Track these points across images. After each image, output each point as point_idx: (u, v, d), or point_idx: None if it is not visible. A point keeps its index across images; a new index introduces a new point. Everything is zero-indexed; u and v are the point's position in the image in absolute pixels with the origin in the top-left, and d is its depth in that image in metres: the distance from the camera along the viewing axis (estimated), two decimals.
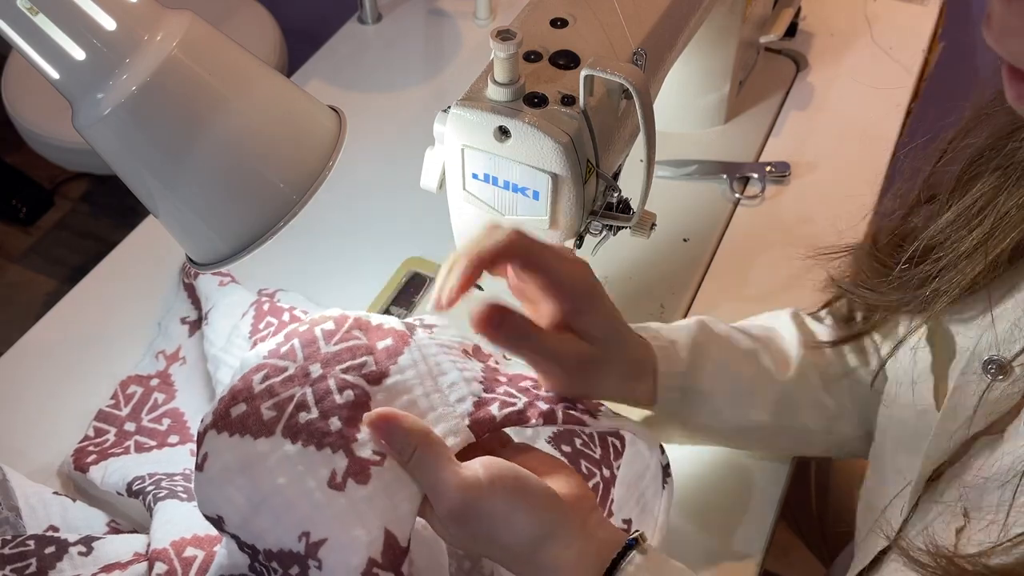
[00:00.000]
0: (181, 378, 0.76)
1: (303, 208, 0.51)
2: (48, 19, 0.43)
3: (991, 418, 0.51)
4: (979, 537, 0.48)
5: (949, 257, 0.54)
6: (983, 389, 0.51)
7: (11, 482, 0.64)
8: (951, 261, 0.54)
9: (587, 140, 0.59)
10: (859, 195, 0.91)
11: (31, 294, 1.93)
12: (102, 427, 0.73)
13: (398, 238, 0.88)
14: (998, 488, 0.48)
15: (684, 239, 0.88)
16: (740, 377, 0.63)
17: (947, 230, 0.54)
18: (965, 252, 0.53)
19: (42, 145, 1.44)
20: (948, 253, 0.54)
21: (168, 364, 0.78)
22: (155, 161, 0.48)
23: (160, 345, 0.79)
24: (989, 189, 0.52)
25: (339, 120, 0.54)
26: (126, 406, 0.74)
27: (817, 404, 0.65)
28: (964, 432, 0.51)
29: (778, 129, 1.00)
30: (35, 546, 0.59)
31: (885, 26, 1.10)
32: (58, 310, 0.83)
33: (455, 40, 1.14)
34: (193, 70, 0.47)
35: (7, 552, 0.59)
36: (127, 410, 0.74)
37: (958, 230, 0.54)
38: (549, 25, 0.64)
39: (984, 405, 0.50)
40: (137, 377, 0.77)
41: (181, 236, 0.54)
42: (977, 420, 0.51)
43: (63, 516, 0.64)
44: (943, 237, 0.55)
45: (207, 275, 0.80)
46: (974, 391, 0.51)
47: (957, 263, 0.53)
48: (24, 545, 0.59)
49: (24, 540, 0.59)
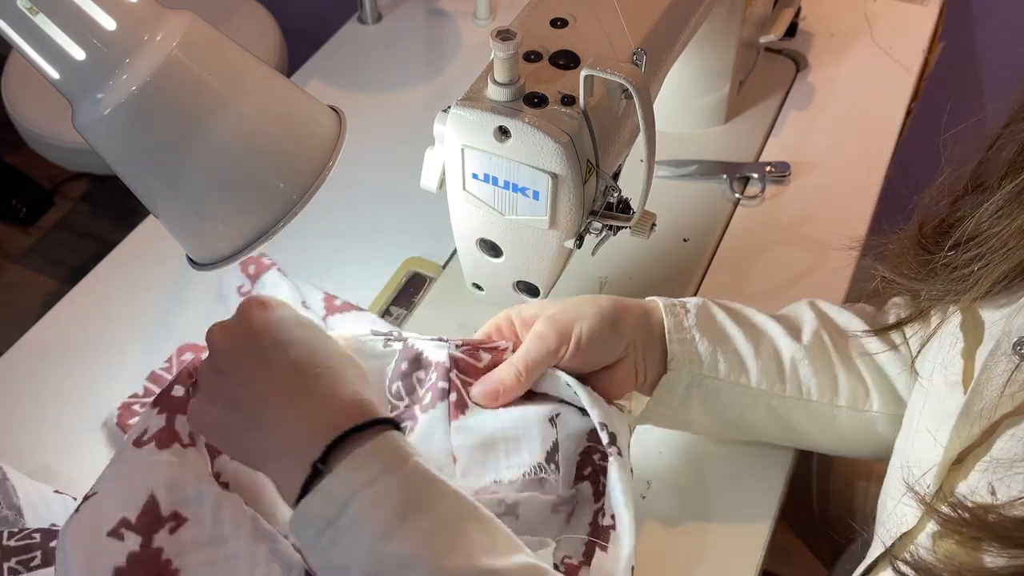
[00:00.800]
0: None
1: (303, 208, 0.51)
2: (48, 19, 0.43)
3: (1018, 400, 0.51)
4: None
5: (995, 241, 0.53)
6: (1011, 369, 0.50)
7: (11, 481, 0.64)
8: (996, 244, 0.53)
9: (587, 140, 0.59)
10: (859, 195, 0.91)
11: (31, 294, 1.93)
12: (151, 387, 0.75)
13: (398, 238, 0.88)
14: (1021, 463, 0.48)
15: (684, 239, 0.88)
16: (747, 336, 0.65)
17: (995, 215, 0.54)
18: (1013, 234, 0.52)
19: (42, 145, 1.44)
20: (994, 237, 0.53)
21: None
22: (155, 161, 0.48)
23: (219, 316, 0.79)
24: None
25: (339, 120, 0.54)
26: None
27: (829, 376, 0.65)
28: (990, 413, 0.51)
29: (778, 129, 1.00)
30: (41, 539, 0.60)
31: (885, 26, 1.11)
32: (58, 310, 0.83)
33: (455, 40, 1.14)
34: (193, 70, 0.47)
35: (12, 544, 0.59)
36: None
37: (1007, 215, 0.53)
38: (549, 25, 0.64)
39: (1011, 386, 0.50)
40: (193, 345, 0.78)
41: (181, 236, 0.54)
42: (1004, 401, 0.51)
43: (65, 515, 0.64)
44: (990, 223, 0.54)
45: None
46: (1003, 370, 0.51)
47: (1004, 246, 0.53)
48: (30, 537, 0.60)
49: (30, 533, 0.60)
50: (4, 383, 0.77)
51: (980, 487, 0.50)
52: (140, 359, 0.79)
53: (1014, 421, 0.51)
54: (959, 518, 0.47)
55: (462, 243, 0.70)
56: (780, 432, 0.67)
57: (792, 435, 0.68)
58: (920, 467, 0.56)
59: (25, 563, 0.58)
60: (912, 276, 0.60)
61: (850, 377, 0.66)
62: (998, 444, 0.51)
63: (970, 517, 0.47)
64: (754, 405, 0.65)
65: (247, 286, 0.81)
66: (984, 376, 0.52)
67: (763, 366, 0.64)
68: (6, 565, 0.58)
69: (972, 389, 0.53)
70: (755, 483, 0.70)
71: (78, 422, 0.74)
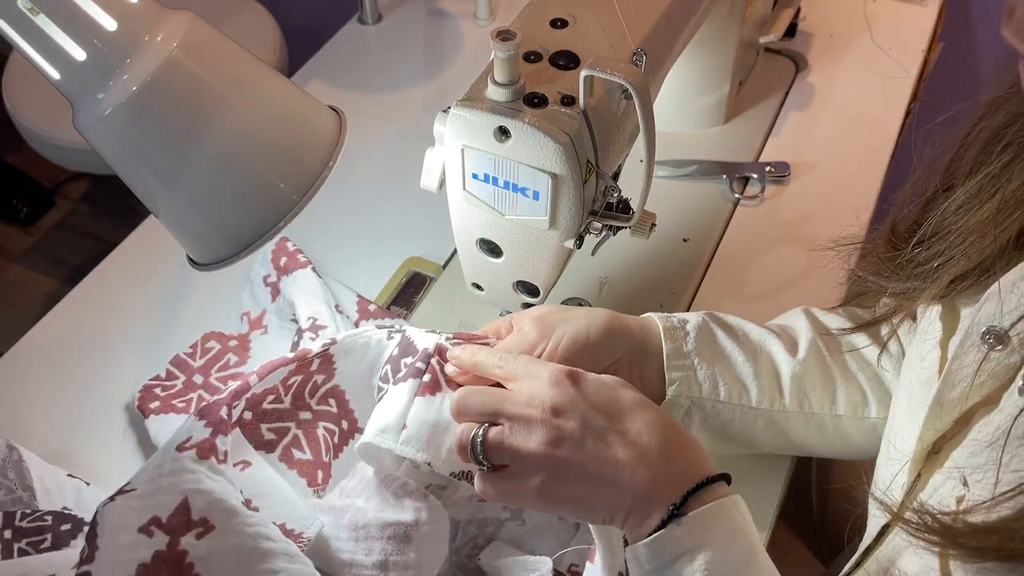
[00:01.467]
0: (259, 346, 0.78)
1: (303, 208, 0.51)
2: (49, 19, 0.44)
3: (987, 389, 0.51)
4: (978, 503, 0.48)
5: (955, 236, 0.54)
6: (980, 359, 0.51)
7: (27, 463, 0.65)
8: (957, 240, 0.54)
9: (587, 140, 0.59)
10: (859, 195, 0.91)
11: (31, 294, 1.93)
12: (174, 371, 0.76)
13: (398, 238, 0.88)
14: (987, 448, 0.48)
15: (684, 239, 0.88)
16: (746, 355, 0.64)
17: (957, 211, 0.54)
18: (974, 227, 0.52)
19: (42, 145, 1.44)
20: (955, 233, 0.54)
21: (251, 329, 0.79)
22: (155, 161, 0.48)
23: (246, 305, 0.81)
24: (1000, 166, 0.52)
25: (339, 120, 0.54)
26: (201, 358, 0.77)
27: (828, 388, 0.65)
28: (962, 402, 0.52)
29: (778, 129, 1.00)
30: (52, 522, 0.61)
31: (885, 26, 1.11)
32: (58, 310, 0.83)
33: (455, 40, 1.14)
34: (193, 70, 0.47)
35: (25, 525, 0.60)
36: (200, 362, 0.77)
37: (968, 210, 0.53)
38: (549, 25, 0.64)
39: (981, 375, 0.50)
40: (218, 334, 0.78)
41: (181, 236, 0.54)
42: (975, 391, 0.51)
43: (77, 499, 0.65)
44: (953, 219, 0.55)
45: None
46: (972, 360, 0.51)
47: (964, 241, 0.53)
48: (42, 520, 0.61)
49: (43, 515, 0.61)
50: (4, 383, 0.78)
51: (953, 479, 0.51)
52: (140, 358, 0.79)
53: (987, 411, 0.51)
54: (924, 524, 0.48)
55: (462, 243, 0.70)
56: (782, 443, 0.67)
57: (793, 445, 0.68)
58: (899, 462, 0.56)
59: (35, 544, 0.59)
60: (880, 273, 0.60)
61: (848, 386, 0.66)
62: (971, 434, 0.51)
63: (935, 524, 0.47)
64: (754, 421, 0.65)
65: (273, 276, 0.82)
66: (955, 365, 0.52)
67: (763, 384, 0.64)
68: (16, 545, 0.59)
69: (943, 378, 0.53)
70: (755, 484, 0.70)
71: (78, 422, 0.74)
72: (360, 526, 0.57)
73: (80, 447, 0.73)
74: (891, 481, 0.57)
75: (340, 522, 0.58)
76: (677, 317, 0.66)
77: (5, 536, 0.59)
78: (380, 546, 0.56)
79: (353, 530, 0.57)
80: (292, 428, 0.63)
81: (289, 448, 0.62)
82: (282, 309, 0.80)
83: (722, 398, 0.64)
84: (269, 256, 0.83)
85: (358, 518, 0.58)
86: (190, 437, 0.55)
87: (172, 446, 0.55)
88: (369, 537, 0.57)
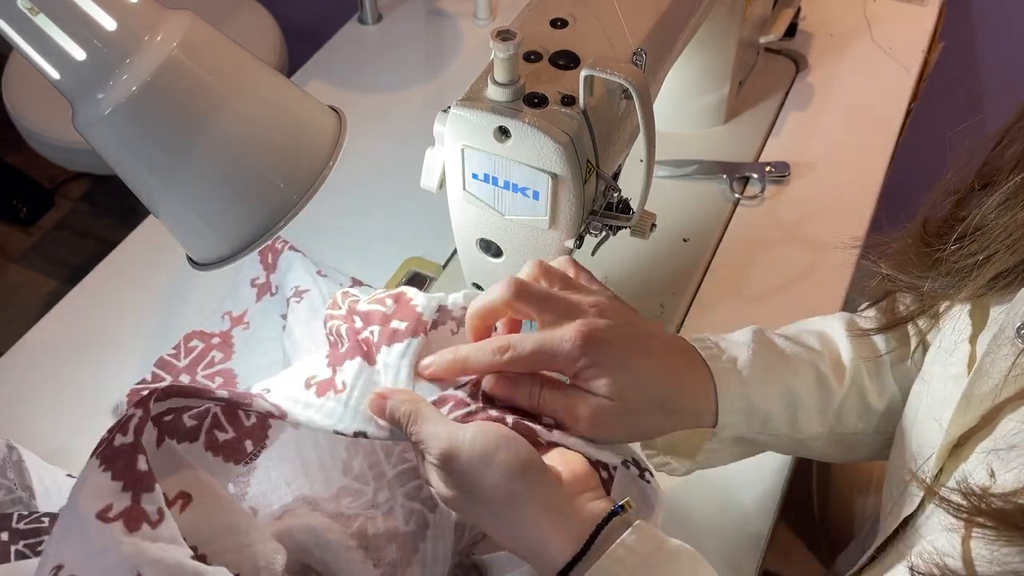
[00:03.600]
0: (241, 341, 0.79)
1: (303, 208, 0.51)
2: (48, 19, 0.44)
3: (1019, 384, 0.50)
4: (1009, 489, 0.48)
5: (999, 232, 0.53)
6: (1016, 354, 0.50)
7: (26, 463, 0.65)
8: (1000, 236, 0.53)
9: (587, 140, 0.59)
10: (859, 195, 0.91)
11: (31, 294, 1.93)
12: (159, 373, 0.76)
13: (398, 238, 0.88)
14: (1017, 440, 0.48)
15: (684, 239, 0.88)
16: (800, 394, 0.61)
17: (1000, 207, 0.53)
18: (1019, 226, 0.51)
19: (42, 145, 1.44)
20: (998, 229, 0.53)
21: (232, 326, 0.80)
22: (155, 161, 0.48)
23: (228, 306, 0.82)
24: None
25: (339, 120, 0.54)
26: (185, 358, 0.77)
27: (866, 408, 0.63)
28: (992, 397, 0.51)
29: (778, 129, 1.00)
30: (49, 524, 0.60)
31: (885, 26, 1.11)
32: (58, 310, 0.83)
33: (455, 40, 1.14)
34: (193, 70, 0.47)
35: (22, 527, 0.60)
36: (185, 362, 0.77)
37: (1012, 207, 0.53)
38: (549, 25, 0.64)
39: (1015, 369, 0.50)
40: (200, 333, 0.79)
41: (181, 236, 0.54)
42: (1007, 386, 0.51)
43: None
44: (996, 215, 0.54)
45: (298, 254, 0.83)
46: (1006, 354, 0.51)
47: (1008, 237, 0.52)
48: (39, 522, 0.60)
49: (39, 517, 0.60)
50: (4, 383, 0.78)
51: (979, 470, 0.50)
52: (140, 358, 0.79)
53: (1016, 405, 0.51)
54: (956, 502, 0.48)
55: (462, 243, 0.70)
56: (794, 451, 0.66)
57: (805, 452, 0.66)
58: (921, 455, 0.56)
59: (32, 547, 0.59)
60: (914, 272, 0.60)
61: (885, 407, 0.64)
62: (1000, 428, 0.51)
63: (966, 502, 0.47)
64: (778, 444, 0.63)
65: (262, 278, 0.82)
66: (987, 360, 0.52)
67: (806, 419, 0.62)
68: (14, 548, 0.58)
69: (975, 372, 0.52)
70: (755, 483, 0.70)
71: (78, 422, 0.74)
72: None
73: (80, 447, 0.73)
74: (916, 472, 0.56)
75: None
76: (727, 356, 0.60)
77: (2, 538, 0.58)
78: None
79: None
80: (212, 408, 0.56)
81: (212, 430, 0.56)
82: (267, 308, 0.81)
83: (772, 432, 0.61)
84: (257, 258, 0.83)
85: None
86: (110, 506, 0.47)
87: (91, 514, 0.46)
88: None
